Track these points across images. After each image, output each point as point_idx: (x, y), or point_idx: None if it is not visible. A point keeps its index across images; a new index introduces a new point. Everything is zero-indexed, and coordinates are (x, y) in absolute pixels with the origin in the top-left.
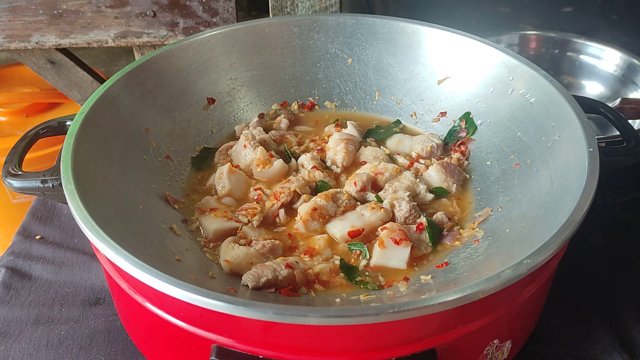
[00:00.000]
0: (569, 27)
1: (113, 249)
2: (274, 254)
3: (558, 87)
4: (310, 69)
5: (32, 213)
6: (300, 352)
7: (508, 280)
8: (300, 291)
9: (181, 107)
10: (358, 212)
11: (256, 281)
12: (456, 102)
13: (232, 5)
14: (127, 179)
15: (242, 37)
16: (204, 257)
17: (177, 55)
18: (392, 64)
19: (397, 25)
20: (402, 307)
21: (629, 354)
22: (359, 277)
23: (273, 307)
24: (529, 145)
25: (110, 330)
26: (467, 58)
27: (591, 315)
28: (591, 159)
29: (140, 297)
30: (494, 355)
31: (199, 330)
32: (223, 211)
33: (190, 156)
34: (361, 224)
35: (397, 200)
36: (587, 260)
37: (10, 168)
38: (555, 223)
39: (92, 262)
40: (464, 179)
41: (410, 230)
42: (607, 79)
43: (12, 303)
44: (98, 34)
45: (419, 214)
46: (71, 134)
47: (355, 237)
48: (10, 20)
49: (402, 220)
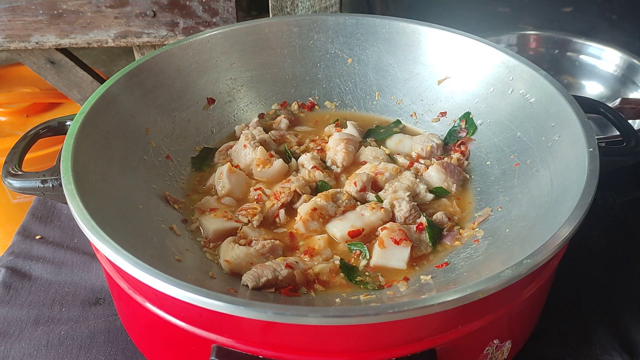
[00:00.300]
0: (569, 27)
1: (113, 249)
2: (274, 254)
3: (558, 87)
4: (310, 69)
5: (32, 213)
6: (300, 352)
7: (508, 280)
8: (300, 291)
9: (181, 107)
10: (358, 212)
11: (256, 281)
12: (456, 102)
13: (232, 5)
14: (127, 179)
15: (242, 37)
16: (204, 257)
17: (177, 55)
18: (392, 64)
19: (397, 25)
20: (402, 307)
21: (629, 354)
22: (359, 277)
23: (273, 307)
24: (529, 145)
25: (110, 330)
26: (467, 58)
27: (591, 315)
28: (591, 159)
29: (140, 297)
30: (494, 355)
31: (199, 330)
32: (223, 211)
33: (190, 156)
34: (361, 224)
35: (397, 200)
36: (587, 260)
37: (10, 168)
38: (555, 223)
39: (92, 262)
40: (464, 179)
41: (410, 230)
42: (607, 79)
43: (12, 303)
44: (98, 34)
45: (419, 214)
46: (71, 134)
47: (355, 237)
48: (10, 20)
49: (402, 220)
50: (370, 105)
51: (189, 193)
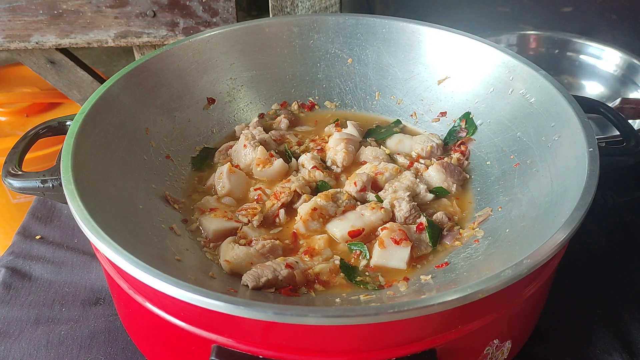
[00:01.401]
0: (569, 27)
1: (113, 249)
2: (274, 254)
3: (558, 87)
4: (310, 69)
5: (32, 213)
6: (300, 352)
7: (508, 280)
8: (300, 291)
9: (181, 107)
10: (358, 212)
11: (256, 281)
12: (456, 102)
13: (232, 5)
14: (127, 179)
15: (242, 37)
16: (204, 257)
17: (177, 55)
18: (392, 64)
19: (397, 25)
20: (402, 307)
21: (629, 354)
22: (359, 277)
23: (273, 307)
24: (529, 145)
25: (110, 330)
26: (467, 58)
27: (591, 315)
28: (591, 159)
29: (140, 297)
30: (494, 355)
31: (199, 330)
32: (223, 211)
33: (190, 156)
34: (361, 224)
35: (397, 200)
36: (587, 260)
37: (10, 168)
38: (555, 223)
39: (92, 262)
40: (464, 179)
41: (410, 230)
42: (607, 79)
43: (12, 303)
44: (98, 34)
45: (419, 214)
46: (71, 134)
47: (355, 237)
48: (10, 20)
49: (402, 220)
50: (370, 105)
51: (189, 193)
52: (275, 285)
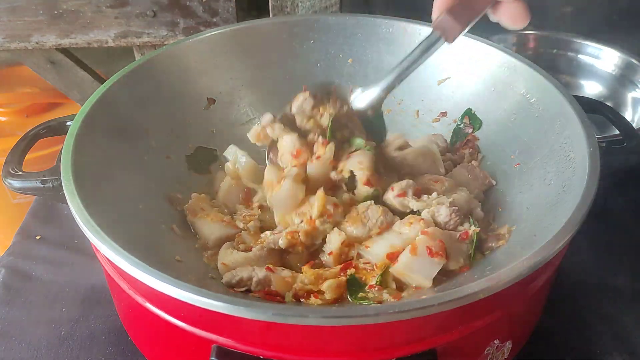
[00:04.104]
0: (569, 27)
1: (113, 249)
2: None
3: (558, 87)
4: (310, 69)
5: (32, 213)
6: (300, 353)
7: (508, 281)
8: (287, 298)
9: (181, 107)
10: (396, 230)
11: (230, 277)
12: (456, 102)
13: (232, 5)
14: (127, 179)
15: (242, 37)
16: None
17: (177, 55)
18: (392, 64)
19: (397, 25)
20: (402, 307)
21: (629, 354)
22: (362, 293)
23: (273, 307)
24: (530, 145)
25: (110, 330)
26: (468, 58)
27: (591, 315)
28: (591, 159)
29: (140, 297)
30: (494, 356)
31: (199, 331)
32: (221, 215)
33: (185, 154)
34: (401, 243)
35: (437, 207)
36: (587, 259)
37: (10, 168)
38: (555, 223)
39: (92, 262)
40: (489, 185)
41: (451, 237)
42: (605, 78)
43: (12, 303)
44: (98, 34)
45: (461, 221)
46: (71, 134)
47: (395, 259)
48: (10, 20)
49: (442, 226)
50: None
51: (189, 193)
52: (250, 285)
